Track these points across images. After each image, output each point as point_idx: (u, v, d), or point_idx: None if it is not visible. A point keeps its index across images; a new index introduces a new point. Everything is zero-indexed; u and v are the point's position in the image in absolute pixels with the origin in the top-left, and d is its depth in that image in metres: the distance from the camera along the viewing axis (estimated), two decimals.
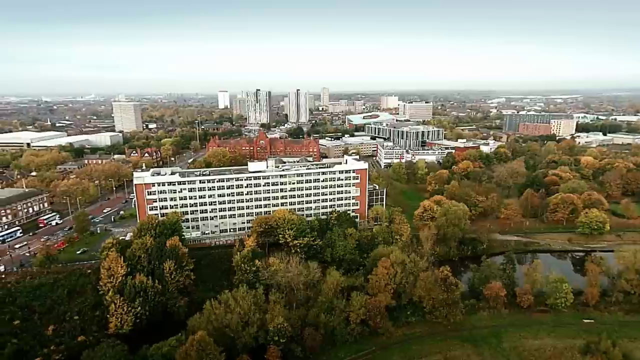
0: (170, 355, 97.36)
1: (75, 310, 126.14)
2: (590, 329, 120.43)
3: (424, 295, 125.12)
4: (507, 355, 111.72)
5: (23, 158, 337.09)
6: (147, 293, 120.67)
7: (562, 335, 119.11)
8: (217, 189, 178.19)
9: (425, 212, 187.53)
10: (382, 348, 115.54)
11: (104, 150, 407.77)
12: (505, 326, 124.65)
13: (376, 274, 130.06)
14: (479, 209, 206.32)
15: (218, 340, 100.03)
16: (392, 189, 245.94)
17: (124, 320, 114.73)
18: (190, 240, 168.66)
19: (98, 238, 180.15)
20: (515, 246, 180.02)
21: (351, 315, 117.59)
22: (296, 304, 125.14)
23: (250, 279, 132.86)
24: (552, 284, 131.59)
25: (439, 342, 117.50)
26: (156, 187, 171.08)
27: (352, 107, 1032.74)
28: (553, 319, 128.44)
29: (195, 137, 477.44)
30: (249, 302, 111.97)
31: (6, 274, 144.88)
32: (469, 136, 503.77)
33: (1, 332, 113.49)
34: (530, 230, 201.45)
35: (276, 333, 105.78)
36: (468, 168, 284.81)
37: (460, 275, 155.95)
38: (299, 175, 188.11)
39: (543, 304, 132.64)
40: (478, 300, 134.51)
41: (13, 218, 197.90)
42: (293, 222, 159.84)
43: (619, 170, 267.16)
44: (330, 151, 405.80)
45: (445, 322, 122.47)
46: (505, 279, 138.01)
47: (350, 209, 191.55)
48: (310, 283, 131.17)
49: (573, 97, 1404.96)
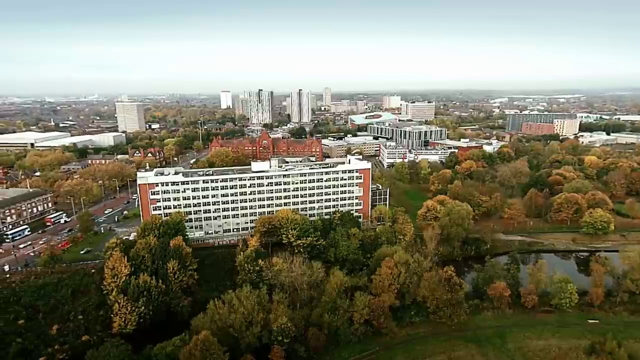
0: (174, 355, 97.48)
1: (79, 309, 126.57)
2: (595, 330, 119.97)
3: (428, 296, 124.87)
4: (512, 355, 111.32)
5: (27, 158, 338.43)
6: (150, 293, 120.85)
7: (567, 336, 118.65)
8: (220, 188, 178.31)
9: (429, 212, 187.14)
10: (385, 348, 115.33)
11: (107, 150, 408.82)
12: (510, 326, 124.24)
13: (380, 274, 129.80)
14: (482, 209, 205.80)
15: (222, 340, 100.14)
16: (395, 189, 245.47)
17: (127, 320, 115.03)
18: (193, 240, 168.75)
19: (102, 238, 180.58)
20: (519, 246, 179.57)
21: (355, 315, 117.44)
22: (300, 304, 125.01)
23: (254, 278, 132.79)
24: (556, 284, 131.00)
25: (443, 342, 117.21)
26: (160, 187, 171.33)
27: (354, 107, 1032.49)
28: (558, 319, 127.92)
29: (198, 137, 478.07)
30: (252, 302, 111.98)
31: (11, 274, 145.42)
32: (472, 136, 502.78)
33: (6, 332, 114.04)
34: (534, 230, 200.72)
35: (280, 333, 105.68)
36: (471, 168, 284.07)
37: (464, 275, 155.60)
38: (302, 175, 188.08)
39: (547, 304, 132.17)
40: (482, 301, 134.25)
41: (17, 218, 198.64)
42: (296, 222, 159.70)
43: (623, 169, 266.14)
44: (332, 151, 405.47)
45: (449, 322, 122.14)
46: (509, 279, 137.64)
47: (353, 209, 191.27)
48: (314, 283, 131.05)
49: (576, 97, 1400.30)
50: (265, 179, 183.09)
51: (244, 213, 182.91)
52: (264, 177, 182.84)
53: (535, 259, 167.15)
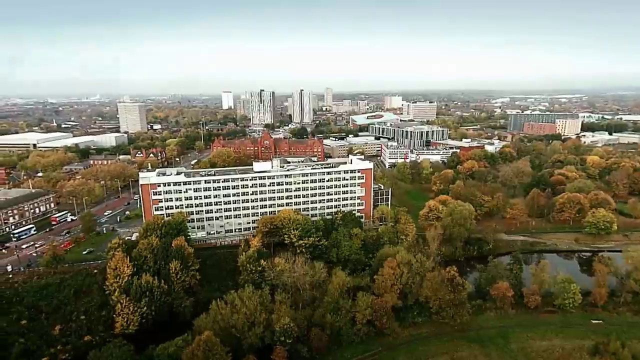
0: (176, 356, 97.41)
1: (81, 310, 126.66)
2: (599, 330, 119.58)
3: (431, 296, 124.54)
4: (515, 356, 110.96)
5: (29, 159, 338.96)
6: (153, 293, 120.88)
7: (570, 336, 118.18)
8: (222, 189, 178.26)
9: (431, 212, 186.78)
10: (388, 348, 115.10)
11: (109, 150, 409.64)
12: (513, 327, 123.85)
13: (382, 274, 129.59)
14: (484, 209, 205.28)
15: (224, 341, 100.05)
16: (397, 189, 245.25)
17: (130, 320, 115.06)
18: (195, 240, 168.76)
19: (104, 238, 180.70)
20: (521, 246, 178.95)
21: (357, 315, 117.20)
22: (302, 304, 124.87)
23: (256, 279, 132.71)
24: (559, 284, 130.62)
25: (446, 342, 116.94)
26: (162, 188, 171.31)
27: (355, 107, 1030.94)
28: (561, 319, 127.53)
29: (200, 138, 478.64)
30: (255, 302, 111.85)
31: (13, 274, 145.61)
32: (474, 136, 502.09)
33: (8, 332, 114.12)
34: (536, 230, 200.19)
35: (282, 333, 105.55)
36: (473, 168, 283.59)
37: (467, 275, 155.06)
38: (304, 175, 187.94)
39: (551, 304, 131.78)
40: (485, 301, 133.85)
41: (20, 218, 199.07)
42: (298, 222, 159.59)
43: (625, 169, 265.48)
44: (334, 151, 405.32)
45: (452, 323, 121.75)
46: (512, 279, 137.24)
47: (355, 209, 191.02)
48: (316, 283, 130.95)
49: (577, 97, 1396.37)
50: (267, 179, 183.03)
51: (245, 213, 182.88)
52: (265, 177, 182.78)
53: (538, 259, 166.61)
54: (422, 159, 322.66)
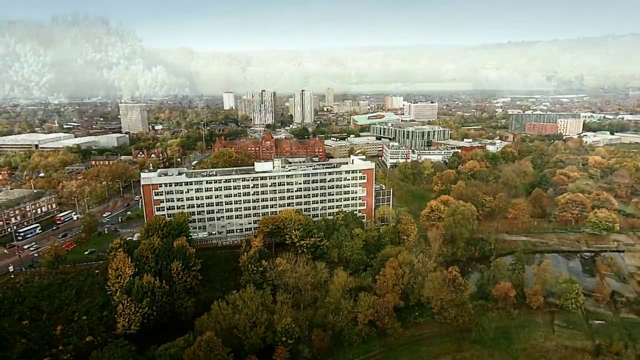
0: (178, 356, 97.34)
1: (83, 310, 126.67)
2: (602, 331, 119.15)
3: (433, 296, 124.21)
4: (517, 356, 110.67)
5: (31, 159, 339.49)
6: (154, 293, 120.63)
7: (573, 337, 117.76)
8: (223, 189, 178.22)
9: (432, 212, 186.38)
10: (390, 349, 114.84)
11: (110, 151, 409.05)
12: (515, 327, 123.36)
13: (384, 274, 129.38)
14: (486, 209, 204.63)
15: (226, 341, 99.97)
16: (398, 189, 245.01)
17: (131, 321, 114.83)
18: (197, 240, 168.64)
19: (106, 238, 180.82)
20: (523, 246, 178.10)
21: (359, 315, 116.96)
22: (304, 305, 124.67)
23: (258, 279, 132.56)
24: (562, 285, 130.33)
25: (448, 343, 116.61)
26: (163, 188, 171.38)
27: (356, 108, 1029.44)
28: (563, 320, 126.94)
29: (201, 138, 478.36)
30: (256, 303, 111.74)
31: (15, 274, 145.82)
32: (475, 136, 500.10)
33: (10, 332, 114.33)
34: (538, 230, 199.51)
35: (284, 334, 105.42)
36: (475, 168, 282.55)
37: (469, 275, 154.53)
38: (305, 175, 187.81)
39: (553, 304, 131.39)
40: (487, 301, 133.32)
41: (22, 218, 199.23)
42: (300, 223, 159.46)
43: (627, 169, 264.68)
44: (335, 151, 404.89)
45: (454, 323, 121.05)
46: (514, 279, 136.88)
47: (356, 209, 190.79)
48: (318, 283, 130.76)
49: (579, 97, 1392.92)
50: (269, 180, 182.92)
51: (247, 213, 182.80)
52: (267, 177, 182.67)
53: (540, 259, 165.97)
54: (424, 159, 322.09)
